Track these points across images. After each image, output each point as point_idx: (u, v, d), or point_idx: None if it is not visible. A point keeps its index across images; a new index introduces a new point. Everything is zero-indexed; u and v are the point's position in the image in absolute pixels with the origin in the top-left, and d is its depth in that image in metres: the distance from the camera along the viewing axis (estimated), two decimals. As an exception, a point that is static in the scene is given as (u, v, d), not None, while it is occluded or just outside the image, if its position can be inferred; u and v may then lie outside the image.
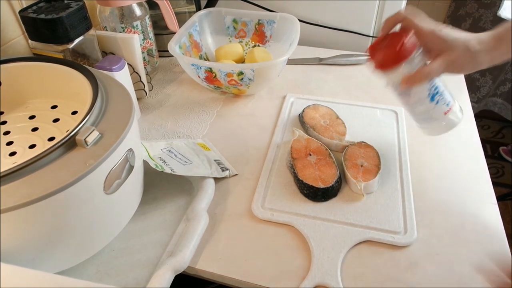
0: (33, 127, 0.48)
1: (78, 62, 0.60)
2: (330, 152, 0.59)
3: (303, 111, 0.68)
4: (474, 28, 1.57)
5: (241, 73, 0.67)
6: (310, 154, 0.58)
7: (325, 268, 0.46)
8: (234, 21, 0.83)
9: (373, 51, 0.50)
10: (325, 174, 0.55)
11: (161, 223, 0.52)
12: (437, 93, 0.51)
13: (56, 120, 0.49)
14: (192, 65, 0.68)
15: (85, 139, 0.37)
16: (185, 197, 0.55)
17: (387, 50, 0.48)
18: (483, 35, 0.47)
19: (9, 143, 0.46)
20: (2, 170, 0.34)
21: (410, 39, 0.48)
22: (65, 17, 0.55)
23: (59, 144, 0.37)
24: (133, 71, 0.68)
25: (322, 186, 0.53)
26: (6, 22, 0.63)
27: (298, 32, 0.74)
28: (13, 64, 0.50)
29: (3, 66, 0.49)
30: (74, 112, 0.49)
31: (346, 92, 0.76)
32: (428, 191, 0.55)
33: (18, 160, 0.40)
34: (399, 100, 0.55)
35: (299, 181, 0.54)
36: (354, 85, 0.78)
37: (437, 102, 0.52)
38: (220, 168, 0.58)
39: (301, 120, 0.67)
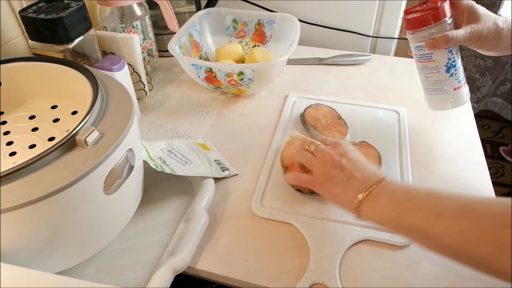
0: (33, 127, 0.48)
1: (78, 62, 0.60)
2: None
3: (304, 110, 0.68)
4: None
5: (241, 73, 0.67)
6: None
7: (323, 266, 0.46)
8: (234, 21, 0.83)
9: (408, 13, 0.56)
10: None
11: (161, 223, 0.52)
12: (454, 66, 0.56)
13: (56, 120, 0.49)
14: (192, 65, 0.68)
15: (85, 139, 0.37)
16: (185, 197, 0.55)
17: (424, 11, 0.54)
18: (509, 18, 0.53)
19: (9, 143, 0.46)
20: (2, 170, 0.34)
21: (446, 5, 0.54)
22: (65, 17, 0.55)
23: (59, 144, 0.37)
24: (133, 71, 0.68)
25: None
26: (6, 22, 0.63)
27: (298, 32, 0.74)
28: (13, 64, 0.50)
29: (3, 66, 0.49)
30: (74, 112, 0.49)
31: (346, 92, 0.76)
32: (428, 191, 0.55)
33: (18, 160, 0.40)
34: (418, 65, 0.59)
35: (299, 191, 0.54)
36: (354, 85, 0.78)
37: (451, 75, 0.57)
38: (220, 168, 0.58)
39: (303, 120, 0.67)
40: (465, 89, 0.59)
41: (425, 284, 0.45)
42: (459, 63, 0.57)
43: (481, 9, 0.54)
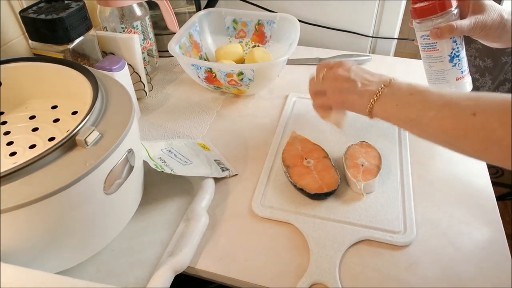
0: (33, 127, 0.48)
1: (78, 62, 0.60)
2: (327, 153, 0.58)
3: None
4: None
5: (241, 73, 0.67)
6: (306, 159, 0.58)
7: (324, 266, 0.46)
8: (234, 21, 0.83)
9: (415, 2, 0.57)
10: (327, 178, 0.54)
11: (161, 223, 0.52)
12: (457, 56, 0.57)
13: (56, 120, 0.49)
14: (192, 65, 0.68)
15: (85, 139, 0.37)
16: (185, 197, 0.55)
17: (430, 0, 0.55)
18: None
19: (10, 143, 0.46)
20: (2, 170, 0.34)
21: None
22: (65, 18, 0.55)
23: (59, 144, 0.37)
24: (133, 71, 0.68)
25: (326, 190, 0.53)
26: (7, 22, 0.63)
27: (298, 32, 0.74)
28: (13, 64, 0.50)
29: (3, 66, 0.49)
30: (74, 112, 0.49)
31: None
32: (428, 191, 0.55)
33: (18, 160, 0.40)
34: (423, 54, 0.60)
35: (301, 191, 0.54)
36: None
37: (454, 65, 0.58)
38: (220, 168, 0.58)
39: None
40: (468, 79, 0.60)
41: (425, 284, 0.45)
42: (463, 53, 0.58)
43: (487, 0, 0.54)
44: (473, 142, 0.39)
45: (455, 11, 0.55)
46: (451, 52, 0.57)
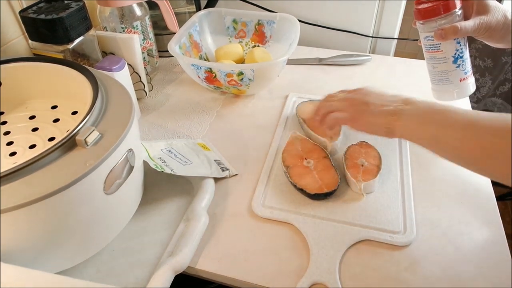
0: (33, 127, 0.48)
1: (78, 62, 0.60)
2: (327, 153, 0.58)
3: (297, 106, 0.69)
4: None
5: (241, 73, 0.67)
6: (306, 159, 0.58)
7: (324, 266, 0.46)
8: (234, 21, 0.83)
9: (419, 3, 0.57)
10: (327, 178, 0.54)
11: (161, 223, 0.52)
12: (461, 57, 0.57)
13: (56, 120, 0.49)
14: (192, 65, 0.68)
15: (85, 139, 0.37)
16: (185, 197, 0.55)
17: (434, 1, 0.55)
18: None
19: (9, 143, 0.46)
20: (2, 170, 0.34)
21: None
22: (65, 17, 0.55)
23: (59, 144, 0.37)
24: (133, 71, 0.68)
25: (326, 191, 0.53)
26: (6, 22, 0.63)
27: (298, 32, 0.74)
28: (13, 64, 0.50)
29: (3, 66, 0.49)
30: (74, 112, 0.49)
31: (346, 92, 0.76)
32: (428, 191, 0.55)
33: (18, 160, 0.40)
34: (427, 55, 0.60)
35: (301, 191, 0.54)
36: (354, 85, 0.77)
37: (458, 66, 0.58)
38: (220, 168, 0.58)
39: (297, 115, 0.67)
40: (471, 80, 0.60)
41: (425, 284, 0.45)
42: (466, 54, 0.58)
43: (491, 1, 0.54)
44: (498, 163, 0.38)
45: (459, 12, 0.55)
46: (455, 53, 0.57)
